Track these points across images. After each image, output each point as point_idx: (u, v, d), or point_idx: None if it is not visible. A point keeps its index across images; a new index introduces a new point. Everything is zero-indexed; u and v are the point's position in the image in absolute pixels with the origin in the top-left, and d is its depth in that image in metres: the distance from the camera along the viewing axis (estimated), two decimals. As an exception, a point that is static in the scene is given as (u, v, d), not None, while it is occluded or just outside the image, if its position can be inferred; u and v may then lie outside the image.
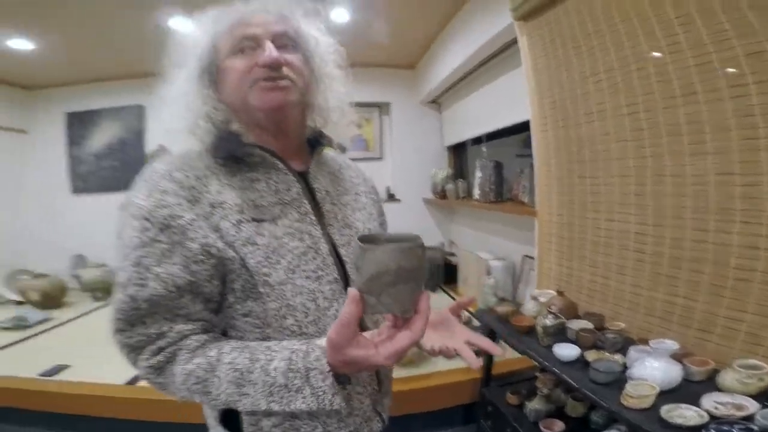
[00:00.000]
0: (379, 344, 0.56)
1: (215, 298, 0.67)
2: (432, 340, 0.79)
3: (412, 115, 4.08)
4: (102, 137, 3.97)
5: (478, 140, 3.36)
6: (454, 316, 0.86)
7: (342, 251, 0.75)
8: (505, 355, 1.88)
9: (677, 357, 1.14)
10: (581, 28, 1.71)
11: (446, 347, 0.79)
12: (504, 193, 2.93)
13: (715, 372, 1.10)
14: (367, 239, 0.55)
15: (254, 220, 0.67)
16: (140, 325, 0.63)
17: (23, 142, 3.95)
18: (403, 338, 0.55)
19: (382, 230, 0.95)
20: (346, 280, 0.73)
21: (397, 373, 1.82)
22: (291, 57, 0.72)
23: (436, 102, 4.05)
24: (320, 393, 0.58)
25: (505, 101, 2.67)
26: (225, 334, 0.70)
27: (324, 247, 0.72)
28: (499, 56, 2.66)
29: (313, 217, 0.73)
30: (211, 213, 0.65)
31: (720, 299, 1.23)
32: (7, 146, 3.81)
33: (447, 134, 3.95)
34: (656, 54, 1.41)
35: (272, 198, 0.70)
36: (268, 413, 0.65)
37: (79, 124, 3.97)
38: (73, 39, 2.98)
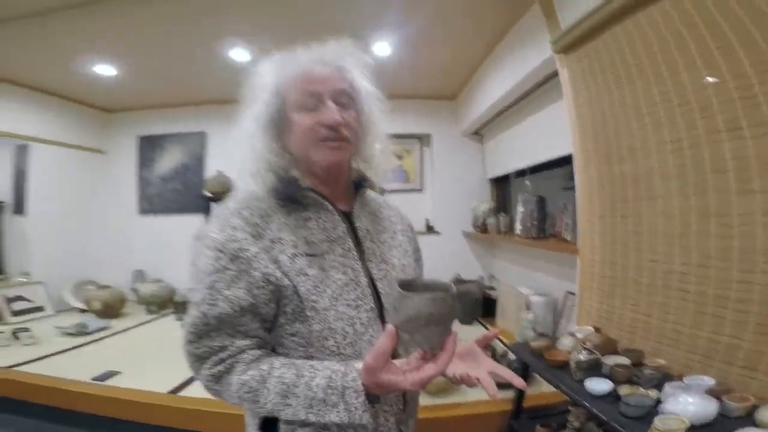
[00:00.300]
0: (407, 372, 0.67)
1: (269, 319, 0.78)
2: (456, 368, 0.83)
3: (453, 147, 4.10)
4: (168, 161, 4.32)
5: (522, 173, 3.34)
6: (481, 347, 0.88)
7: (379, 284, 0.84)
8: (540, 389, 1.85)
9: (716, 393, 1.12)
10: (622, 61, 1.70)
11: (467, 375, 0.82)
12: (547, 229, 2.88)
13: (755, 408, 1.07)
14: (405, 285, 0.66)
15: (306, 254, 0.78)
16: (207, 338, 0.75)
17: (101, 161, 4.36)
18: (429, 369, 0.66)
19: (418, 265, 1.03)
20: (380, 309, 0.83)
21: (428, 401, 1.85)
22: (348, 116, 0.83)
23: (479, 133, 4.05)
24: (352, 409, 0.68)
25: (548, 134, 2.66)
26: (273, 351, 0.80)
27: (363, 280, 0.82)
28: (542, 87, 2.66)
29: (355, 253, 0.84)
30: (271, 247, 0.77)
31: (767, 338, 1.16)
32: (87, 165, 4.23)
33: (489, 166, 3.93)
34: (704, 80, 1.37)
35: (321, 235, 0.81)
36: (304, 424, 0.75)
37: (149, 147, 4.34)
38: (148, 66, 3.31)
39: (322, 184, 0.86)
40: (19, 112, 3.52)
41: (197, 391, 2.10)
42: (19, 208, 3.76)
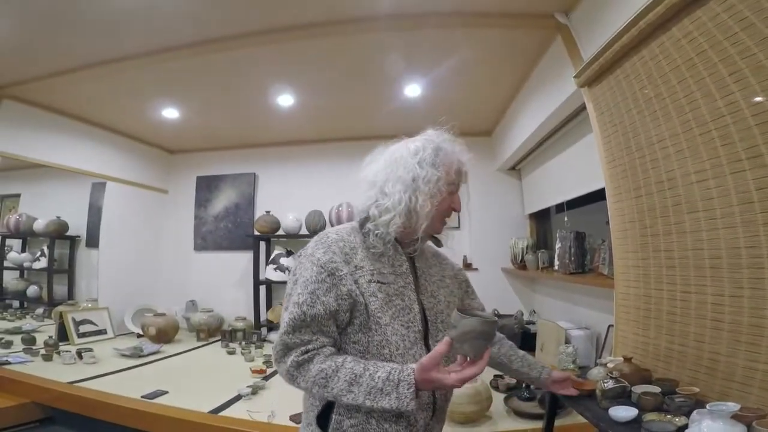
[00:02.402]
0: (451, 372, 0.87)
1: (342, 326, 0.98)
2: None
3: (490, 183, 4.13)
4: (222, 200, 4.66)
5: (561, 207, 3.32)
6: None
7: (427, 312, 1.04)
8: (575, 419, 1.82)
9: (749, 419, 1.08)
10: (642, 93, 1.74)
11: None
12: (586, 264, 2.84)
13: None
14: (461, 310, 0.90)
15: (378, 281, 0.99)
16: (299, 332, 0.94)
17: (164, 200, 4.79)
18: (469, 371, 0.87)
19: (468, 294, 1.30)
20: (425, 333, 1.02)
21: (458, 430, 1.92)
22: None
23: (516, 168, 4.06)
24: (402, 397, 0.86)
25: (584, 167, 2.66)
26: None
27: (416, 308, 1.02)
28: (575, 119, 2.69)
29: (413, 286, 1.05)
30: (354, 271, 0.99)
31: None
32: (152, 204, 4.65)
33: (528, 202, 3.92)
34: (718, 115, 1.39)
35: (389, 269, 1.03)
36: (350, 416, 0.94)
37: (206, 187, 4.71)
38: (207, 109, 3.65)
39: (404, 234, 1.05)
40: (96, 151, 3.98)
41: (235, 411, 2.22)
42: (92, 241, 4.18)
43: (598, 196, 2.58)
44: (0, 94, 3.16)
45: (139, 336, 3.86)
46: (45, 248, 4.12)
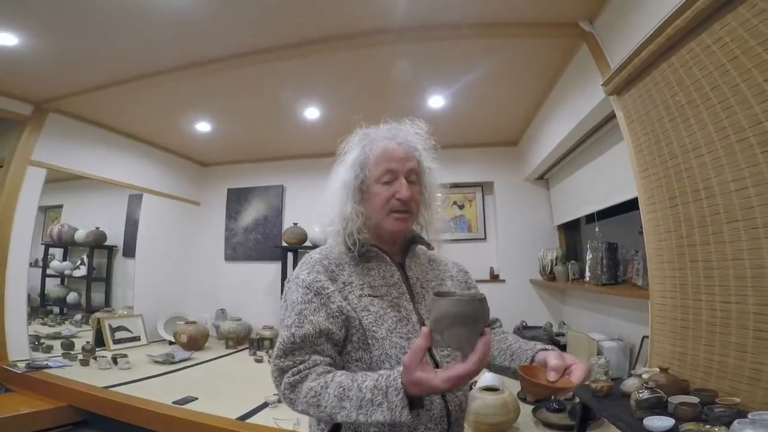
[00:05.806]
0: (439, 371, 0.74)
1: (340, 343, 0.95)
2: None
3: (516, 193, 4.08)
4: (251, 212, 4.77)
5: (591, 218, 3.24)
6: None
7: (426, 323, 0.94)
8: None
9: None
10: (674, 100, 1.71)
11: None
12: (619, 275, 2.76)
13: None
14: (441, 294, 0.75)
15: (369, 295, 0.97)
16: (291, 354, 0.91)
17: (197, 212, 4.93)
18: (458, 367, 0.71)
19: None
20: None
21: None
22: (415, 192, 1.03)
23: (544, 178, 4.00)
24: (393, 406, 0.76)
25: (615, 177, 2.61)
26: None
27: (414, 318, 0.98)
28: (604, 127, 2.65)
29: (408, 296, 1.01)
30: (343, 288, 0.97)
31: None
32: (185, 215, 4.80)
33: (556, 212, 3.84)
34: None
35: (381, 281, 1.01)
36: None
37: (236, 199, 4.83)
38: (237, 123, 3.75)
39: (384, 242, 1.05)
40: (133, 164, 4.14)
41: (262, 419, 2.25)
42: (129, 251, 4.34)
43: (630, 206, 2.51)
44: (46, 108, 3.34)
45: (171, 343, 3.96)
46: (84, 257, 4.30)
